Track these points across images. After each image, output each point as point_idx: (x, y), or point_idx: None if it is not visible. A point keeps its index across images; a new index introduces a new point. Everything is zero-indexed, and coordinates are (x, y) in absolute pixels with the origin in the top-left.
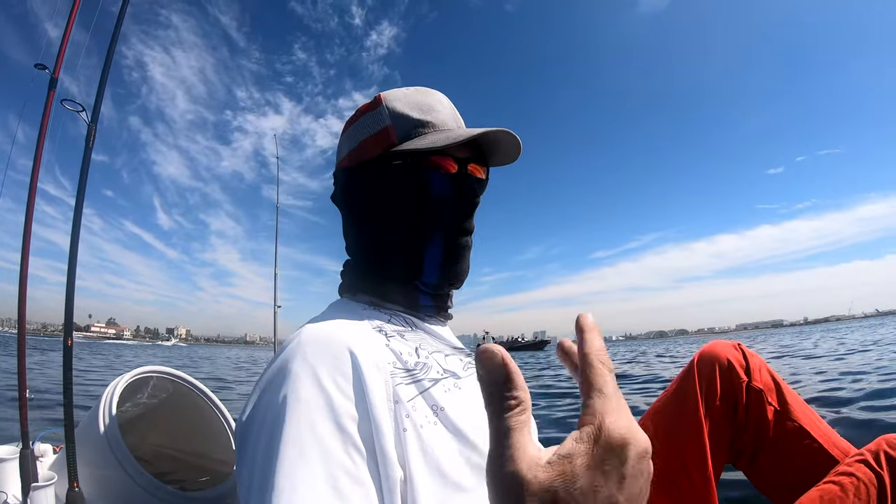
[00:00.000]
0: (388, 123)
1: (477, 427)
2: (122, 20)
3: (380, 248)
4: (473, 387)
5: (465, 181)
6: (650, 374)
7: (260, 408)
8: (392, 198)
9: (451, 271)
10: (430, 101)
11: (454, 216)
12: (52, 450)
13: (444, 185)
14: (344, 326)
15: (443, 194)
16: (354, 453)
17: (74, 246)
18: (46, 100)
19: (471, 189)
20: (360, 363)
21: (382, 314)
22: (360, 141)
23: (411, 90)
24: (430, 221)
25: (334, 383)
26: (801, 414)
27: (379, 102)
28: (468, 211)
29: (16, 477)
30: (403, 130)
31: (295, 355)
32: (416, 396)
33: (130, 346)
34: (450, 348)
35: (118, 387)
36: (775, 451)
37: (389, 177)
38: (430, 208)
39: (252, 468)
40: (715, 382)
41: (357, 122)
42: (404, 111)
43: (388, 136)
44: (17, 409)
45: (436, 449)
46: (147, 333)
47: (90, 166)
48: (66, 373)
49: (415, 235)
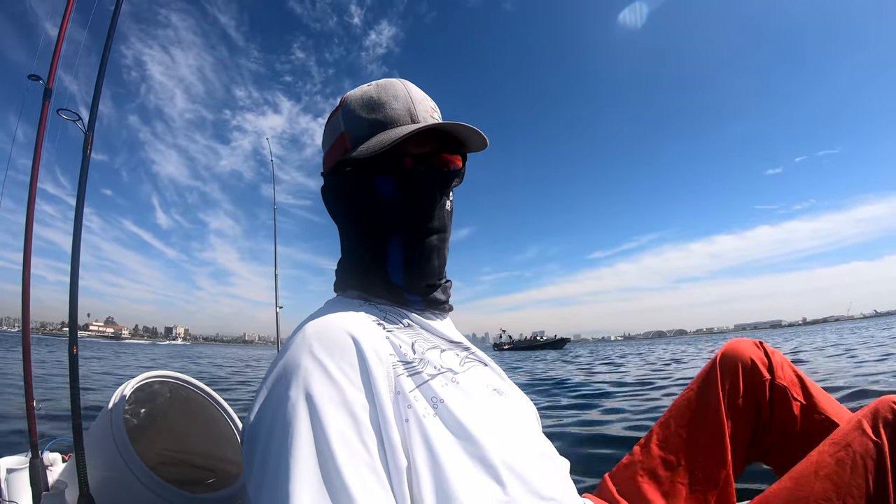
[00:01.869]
0: (342, 129)
1: (474, 420)
2: (113, 30)
3: (358, 250)
4: (470, 382)
5: (419, 180)
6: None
7: (271, 405)
8: (350, 205)
9: (416, 272)
10: (383, 97)
11: (409, 218)
12: (61, 458)
13: (390, 188)
14: (345, 317)
15: (392, 197)
16: (370, 443)
17: (76, 261)
18: (42, 110)
19: (427, 186)
20: (365, 352)
21: (377, 310)
22: (326, 150)
23: (371, 86)
24: (386, 225)
25: (343, 374)
26: (826, 406)
27: (339, 106)
28: (426, 210)
29: (26, 486)
30: (355, 135)
31: (302, 350)
32: (415, 388)
33: (141, 345)
34: (446, 343)
35: (125, 392)
36: (803, 444)
37: (344, 185)
38: (382, 212)
39: (266, 465)
40: (738, 381)
41: (327, 127)
42: (357, 112)
43: (343, 143)
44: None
45: (436, 440)
46: (146, 332)
47: (89, 167)
48: (73, 381)
49: (376, 239)
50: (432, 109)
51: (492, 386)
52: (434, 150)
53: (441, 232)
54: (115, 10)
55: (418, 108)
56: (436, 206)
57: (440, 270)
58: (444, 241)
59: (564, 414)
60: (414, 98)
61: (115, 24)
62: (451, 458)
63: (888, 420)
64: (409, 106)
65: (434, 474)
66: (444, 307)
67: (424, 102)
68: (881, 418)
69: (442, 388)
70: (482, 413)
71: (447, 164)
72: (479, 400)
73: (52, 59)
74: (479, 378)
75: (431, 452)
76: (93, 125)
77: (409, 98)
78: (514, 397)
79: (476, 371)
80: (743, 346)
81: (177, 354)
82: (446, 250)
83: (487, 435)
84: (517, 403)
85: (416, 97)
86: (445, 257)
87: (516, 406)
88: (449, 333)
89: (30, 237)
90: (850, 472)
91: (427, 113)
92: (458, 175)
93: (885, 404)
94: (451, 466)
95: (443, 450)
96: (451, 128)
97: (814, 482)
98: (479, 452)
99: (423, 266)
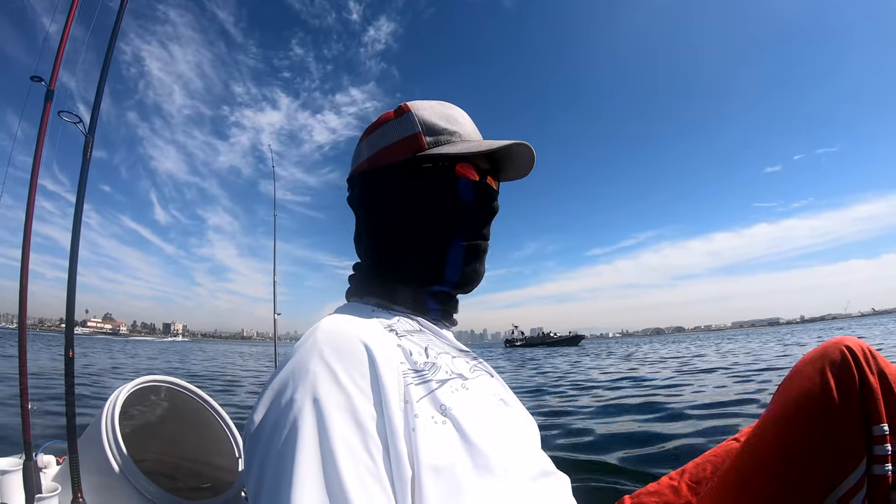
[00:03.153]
0: (418, 129)
1: (483, 428)
2: (117, 29)
3: (398, 250)
4: (480, 388)
5: (486, 189)
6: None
7: (277, 408)
8: (419, 199)
9: (470, 274)
10: (454, 113)
11: (476, 221)
12: (55, 461)
13: (470, 191)
14: (358, 324)
15: (468, 200)
16: (375, 452)
17: (73, 263)
18: (43, 112)
19: (491, 197)
20: (377, 362)
21: (391, 315)
22: (388, 145)
23: (436, 103)
24: (455, 224)
25: (352, 381)
26: None
27: (406, 110)
28: (489, 217)
29: (19, 488)
30: (432, 137)
31: (312, 354)
32: (424, 397)
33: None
34: (456, 350)
35: (120, 396)
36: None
37: (418, 179)
38: (455, 212)
39: (266, 467)
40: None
41: (381, 128)
42: (432, 120)
43: (417, 141)
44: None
45: (442, 449)
46: (144, 329)
47: (89, 167)
48: (68, 383)
49: (440, 237)
50: None
51: (498, 396)
52: (487, 169)
53: (488, 241)
54: (119, 14)
55: (478, 130)
56: (492, 217)
57: (482, 277)
58: (486, 251)
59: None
60: (472, 122)
61: (118, 28)
62: (456, 469)
63: (835, 362)
64: (474, 127)
65: (438, 485)
66: (453, 320)
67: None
68: (829, 360)
69: (451, 395)
70: (489, 422)
71: (493, 184)
72: (487, 409)
73: (54, 61)
74: (486, 387)
75: (436, 461)
76: (94, 128)
77: (471, 121)
78: (517, 409)
79: (484, 380)
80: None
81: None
82: None
83: (493, 445)
84: (521, 415)
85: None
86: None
87: (520, 418)
88: (457, 343)
89: (28, 235)
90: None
91: (481, 136)
92: (496, 197)
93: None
94: (455, 475)
95: (448, 459)
96: (526, 153)
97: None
98: (484, 461)
99: (479, 268)
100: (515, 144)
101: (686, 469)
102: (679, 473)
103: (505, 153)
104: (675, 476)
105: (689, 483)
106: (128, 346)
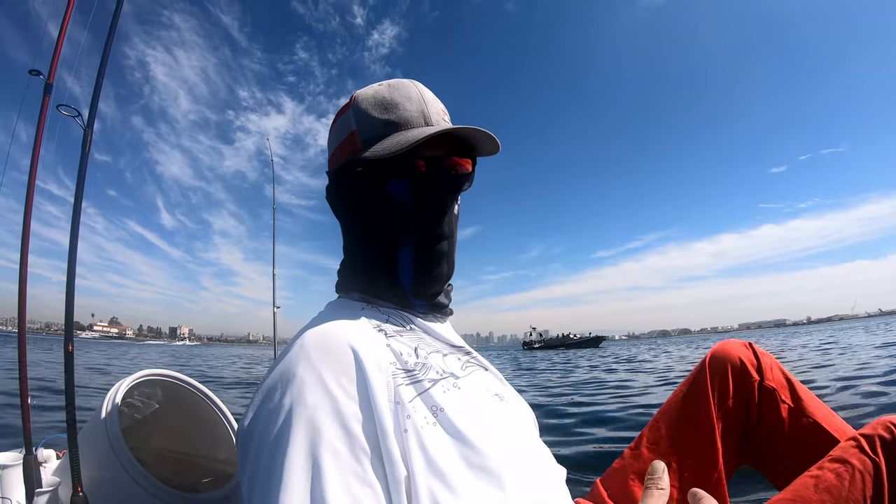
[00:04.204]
0: (353, 128)
1: (475, 427)
2: (115, 26)
3: (363, 251)
4: (472, 387)
5: (433, 184)
6: None
7: (265, 413)
8: (359, 206)
9: (426, 277)
10: (396, 97)
11: (420, 222)
12: (55, 455)
13: (405, 192)
14: (345, 326)
15: (403, 201)
16: (362, 456)
17: (73, 255)
18: (42, 106)
19: (447, 184)
20: (364, 364)
21: (380, 313)
22: (335, 148)
23: (382, 86)
24: (396, 228)
25: (339, 386)
26: (815, 409)
27: (350, 104)
28: (438, 215)
29: (20, 483)
30: (366, 134)
31: (299, 359)
32: (415, 397)
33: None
34: (448, 347)
35: (120, 390)
36: (791, 447)
37: (353, 185)
38: (393, 215)
39: (256, 472)
40: (727, 382)
41: (335, 124)
42: (369, 111)
43: (353, 142)
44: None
45: (435, 450)
46: (150, 333)
47: (91, 168)
48: (68, 378)
49: (386, 242)
50: (443, 112)
51: (492, 391)
52: (445, 153)
53: (450, 237)
54: (117, 7)
55: (431, 110)
56: (447, 210)
57: (449, 275)
58: (452, 247)
59: None
60: (426, 100)
61: (117, 20)
62: (451, 467)
63: (885, 440)
64: (423, 108)
65: (433, 484)
66: (446, 311)
67: (436, 105)
68: (878, 437)
69: (443, 394)
70: (483, 419)
71: (458, 167)
72: (480, 405)
73: (52, 55)
74: (480, 382)
75: (430, 462)
76: (92, 122)
77: (422, 100)
78: (513, 402)
79: (477, 375)
80: (732, 347)
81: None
82: (454, 255)
83: (488, 442)
84: (517, 409)
85: (429, 99)
86: (454, 262)
87: (516, 411)
88: (450, 337)
89: (27, 234)
90: (848, 487)
91: (439, 115)
92: (469, 179)
93: (883, 425)
94: (450, 476)
95: (442, 459)
96: (466, 132)
97: (812, 495)
98: (479, 460)
99: (433, 271)
100: (449, 130)
101: (643, 434)
102: (637, 441)
103: (461, 132)
104: (633, 445)
105: (647, 446)
106: (133, 349)
